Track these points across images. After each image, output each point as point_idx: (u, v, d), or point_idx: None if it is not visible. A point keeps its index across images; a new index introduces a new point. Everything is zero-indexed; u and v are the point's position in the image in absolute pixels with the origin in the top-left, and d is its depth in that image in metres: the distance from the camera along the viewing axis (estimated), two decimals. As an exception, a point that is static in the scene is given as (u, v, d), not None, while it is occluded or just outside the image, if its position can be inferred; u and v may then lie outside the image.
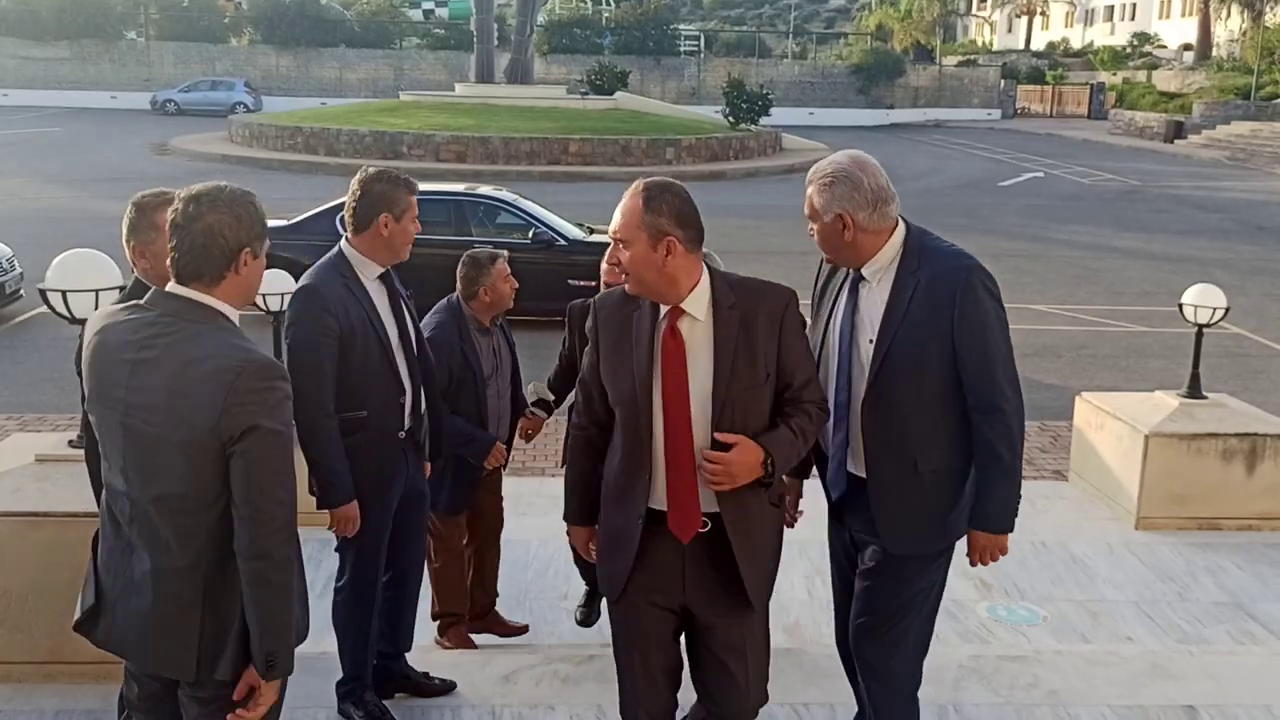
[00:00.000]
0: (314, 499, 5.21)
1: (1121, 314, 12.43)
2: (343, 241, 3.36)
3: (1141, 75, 48.55)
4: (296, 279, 7.33)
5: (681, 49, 48.70)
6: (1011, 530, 2.91)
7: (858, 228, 2.86)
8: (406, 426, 3.45)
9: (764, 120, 32.83)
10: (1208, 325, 6.12)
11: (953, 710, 3.58)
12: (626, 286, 2.71)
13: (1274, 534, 5.90)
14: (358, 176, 3.37)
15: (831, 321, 2.98)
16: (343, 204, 12.25)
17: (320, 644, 4.58)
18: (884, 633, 3.04)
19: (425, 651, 4.07)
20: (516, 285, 4.19)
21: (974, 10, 72.82)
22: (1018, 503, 2.91)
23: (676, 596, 2.76)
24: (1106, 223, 19.71)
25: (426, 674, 3.78)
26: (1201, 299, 6.11)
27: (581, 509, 2.95)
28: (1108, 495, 6.27)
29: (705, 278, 2.67)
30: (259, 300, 6.13)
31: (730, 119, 32.11)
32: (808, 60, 52.58)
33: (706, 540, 2.70)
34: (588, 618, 4.43)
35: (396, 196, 3.29)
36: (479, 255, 4.10)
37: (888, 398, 2.86)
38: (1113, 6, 65.24)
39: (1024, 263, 15.99)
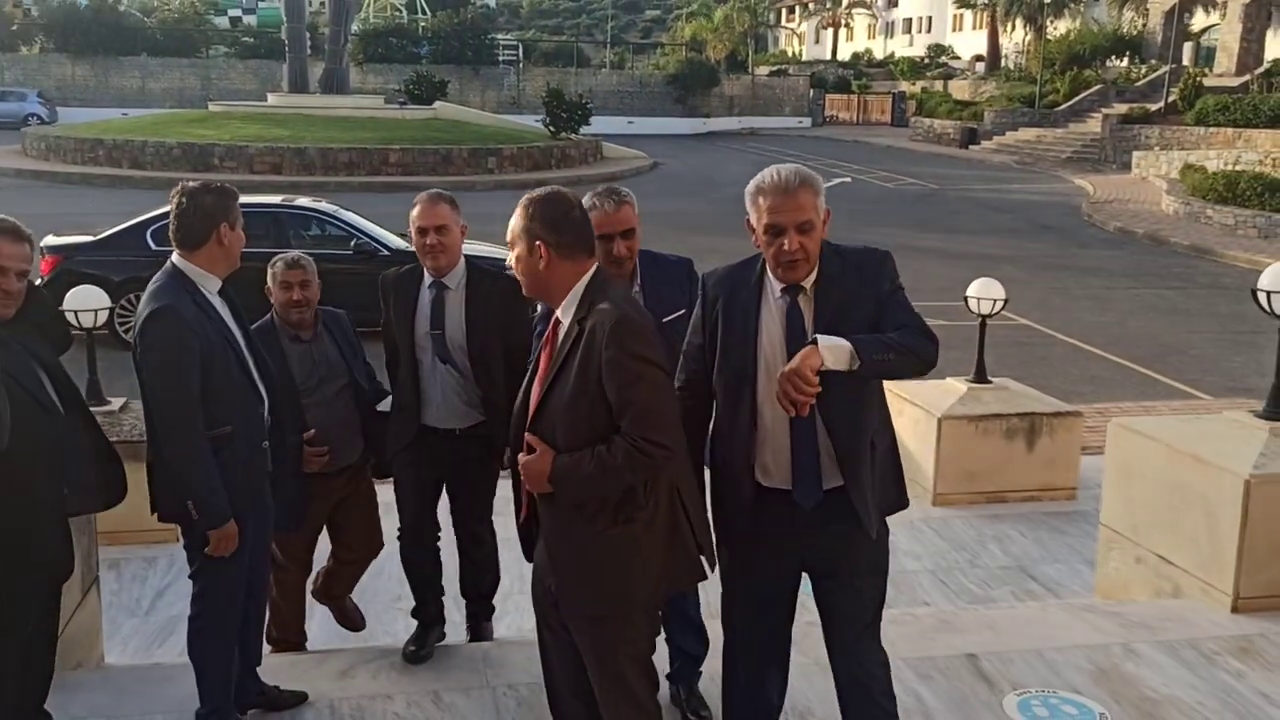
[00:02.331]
0: (135, 516, 5.18)
1: (922, 309, 13.17)
2: (175, 259, 3.30)
3: (939, 85, 51.26)
4: (112, 294, 7.12)
5: (500, 58, 48.67)
6: (852, 366, 2.75)
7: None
8: (267, 437, 3.45)
9: (584, 129, 33.26)
10: (990, 316, 6.72)
11: (766, 673, 3.88)
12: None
13: (1052, 503, 6.52)
14: (179, 191, 3.31)
15: (762, 338, 2.94)
16: (153, 218, 11.77)
17: (152, 655, 4.59)
18: (876, 623, 3.04)
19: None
20: (301, 297, 4.02)
21: (783, 22, 75.39)
22: (881, 361, 2.78)
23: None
24: (909, 224, 20.86)
25: (277, 687, 3.71)
26: (983, 292, 6.73)
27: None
28: (909, 476, 6.74)
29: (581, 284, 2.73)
30: (71, 318, 5.97)
31: (551, 128, 32.39)
32: (626, 70, 53.38)
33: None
34: (419, 651, 4.05)
35: (228, 205, 3.30)
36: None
37: (844, 395, 2.84)
38: (911, 20, 68.66)
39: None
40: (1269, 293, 4.79)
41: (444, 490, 4.11)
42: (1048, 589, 5.41)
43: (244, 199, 3.76)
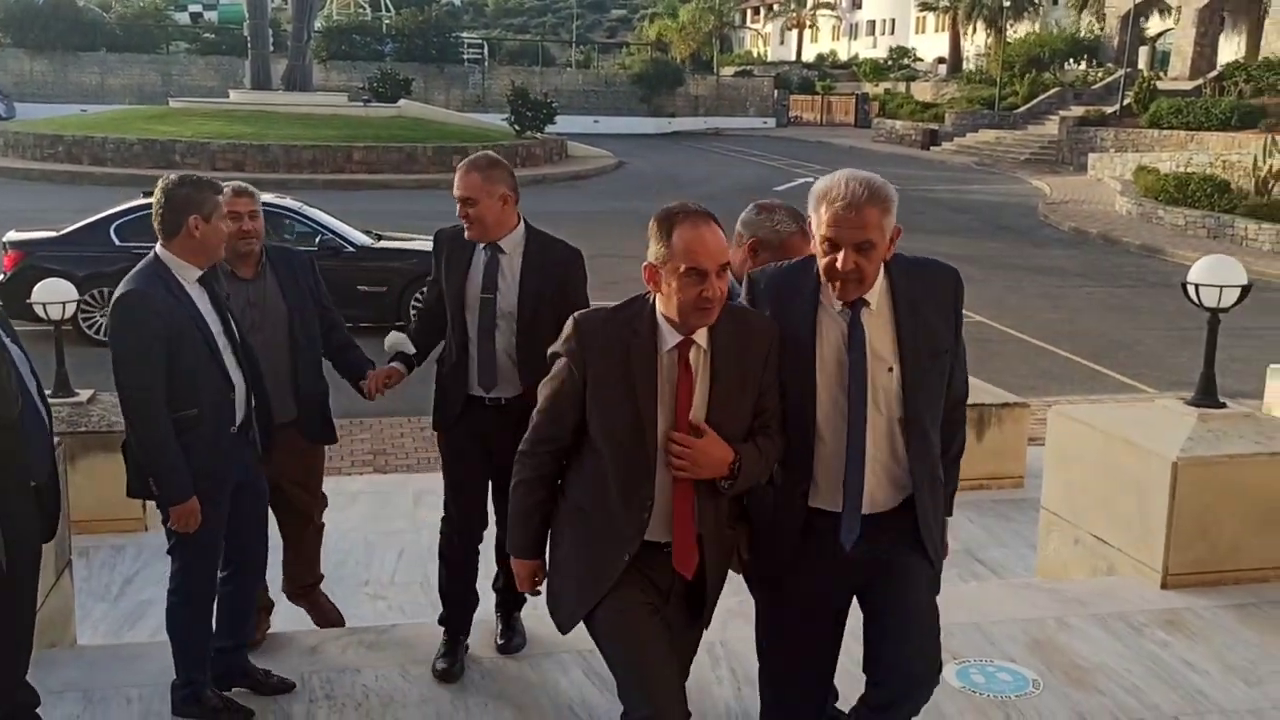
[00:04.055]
0: (104, 506, 5.28)
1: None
2: (157, 247, 3.45)
3: (901, 86, 51.75)
4: (80, 289, 7.21)
5: (465, 57, 48.56)
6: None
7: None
8: (238, 422, 3.55)
9: (549, 128, 33.36)
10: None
11: (719, 645, 4.07)
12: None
13: (1000, 491, 6.75)
14: (160, 184, 3.47)
15: (822, 353, 2.77)
16: (117, 214, 11.88)
17: (122, 639, 4.71)
18: (936, 633, 2.91)
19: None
20: (250, 228, 3.89)
21: (748, 23, 75.75)
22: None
23: (660, 606, 2.79)
24: (869, 224, 21.12)
25: (267, 671, 3.77)
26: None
27: (539, 540, 2.90)
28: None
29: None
30: (39, 310, 6.07)
31: (516, 127, 32.48)
32: (591, 69, 53.45)
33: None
34: (450, 669, 3.90)
35: (202, 198, 3.41)
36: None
37: (919, 423, 2.79)
38: (874, 22, 69.21)
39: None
40: (1198, 285, 5.04)
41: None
42: (993, 571, 5.64)
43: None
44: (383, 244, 11.44)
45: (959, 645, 4.20)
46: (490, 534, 4.02)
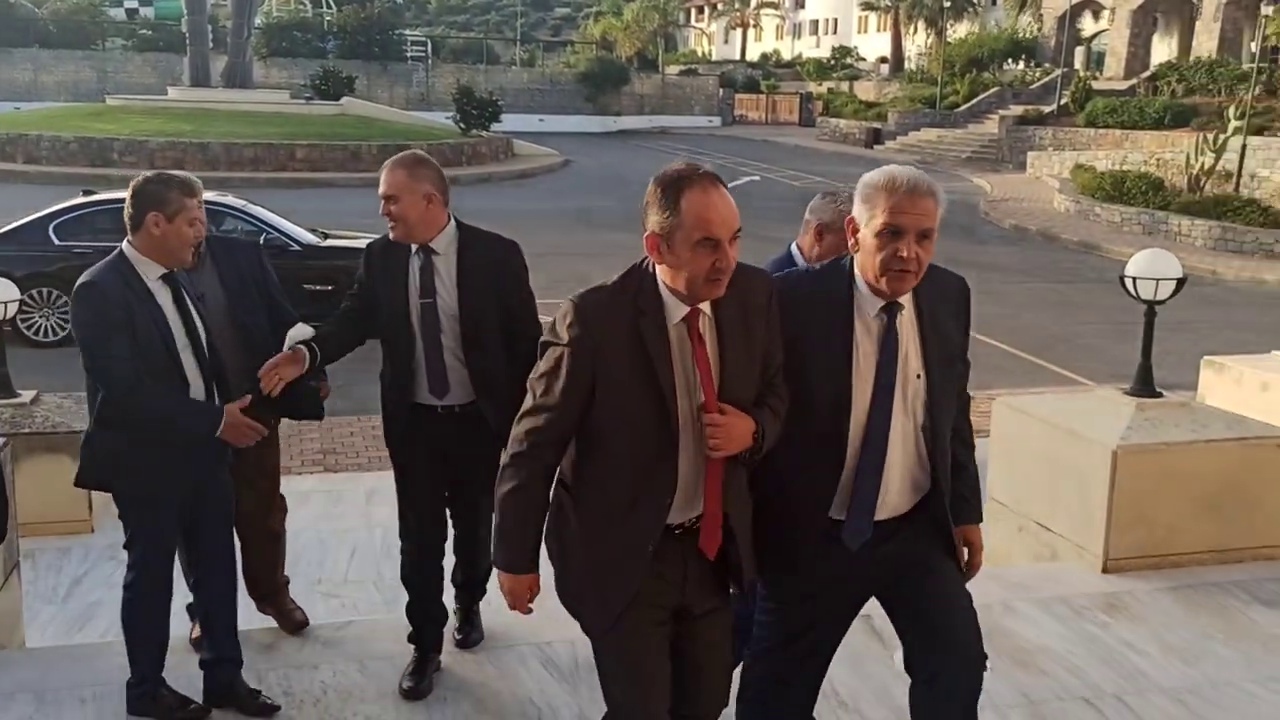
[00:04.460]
0: (49, 508, 5.21)
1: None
2: (124, 243, 3.43)
3: (845, 86, 52.22)
4: (20, 288, 7.09)
5: (408, 54, 48.21)
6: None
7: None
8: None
9: (495, 126, 33.24)
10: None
11: (675, 636, 4.13)
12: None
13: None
14: (134, 180, 3.47)
15: (857, 360, 2.69)
16: (56, 212, 11.66)
17: (71, 640, 4.65)
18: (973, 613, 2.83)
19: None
20: (202, 234, 3.63)
21: (692, 22, 76.04)
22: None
23: (675, 597, 2.64)
24: (815, 221, 21.32)
25: (257, 693, 3.66)
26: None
27: (536, 551, 2.66)
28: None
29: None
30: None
31: (461, 125, 32.32)
32: (536, 67, 53.31)
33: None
34: (417, 686, 3.80)
35: (167, 196, 3.37)
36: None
37: (942, 430, 2.79)
38: (818, 21, 69.84)
39: (745, 258, 17.16)
40: (1135, 279, 5.19)
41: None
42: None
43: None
44: (329, 243, 11.35)
45: (908, 631, 4.29)
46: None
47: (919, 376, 2.73)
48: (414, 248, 3.68)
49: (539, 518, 2.65)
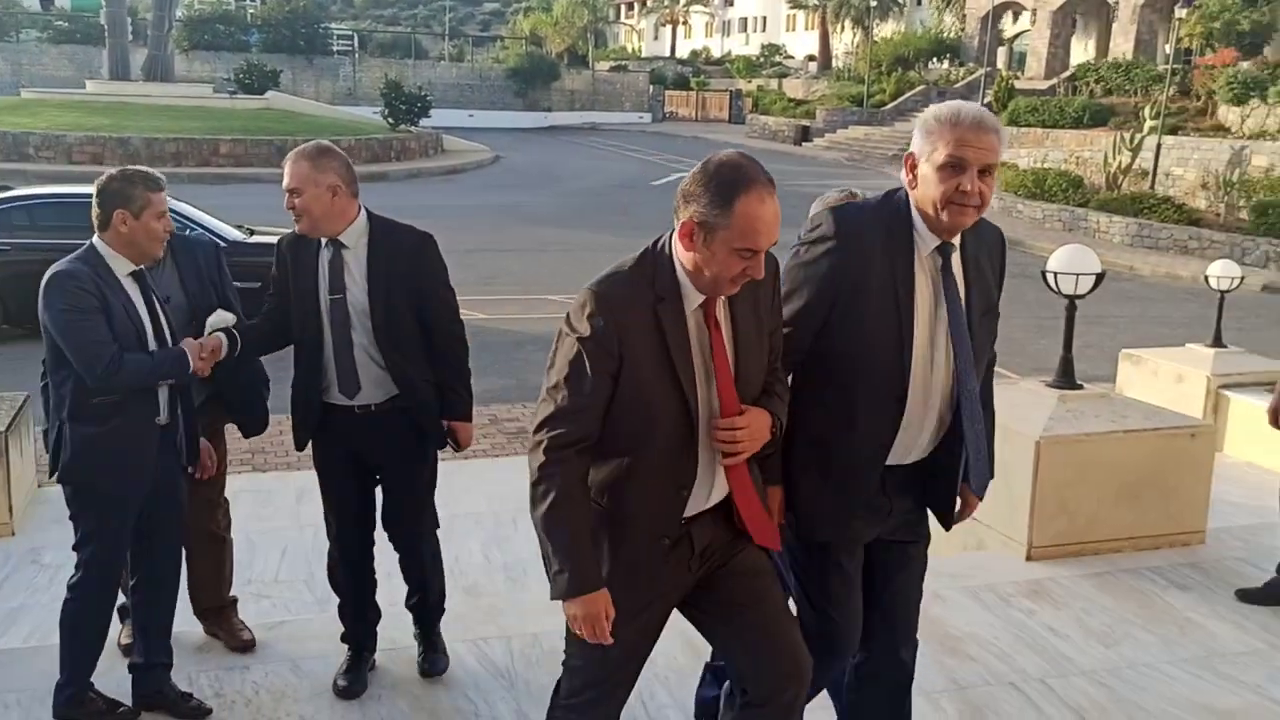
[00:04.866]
0: None
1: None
2: (94, 238, 3.40)
3: (774, 83, 52.63)
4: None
5: (335, 48, 47.56)
6: None
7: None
8: (164, 417, 3.44)
9: (424, 122, 32.96)
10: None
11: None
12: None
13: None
14: (98, 179, 3.44)
15: (921, 309, 2.62)
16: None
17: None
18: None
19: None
20: (171, 228, 3.61)
21: (622, 18, 76.05)
22: None
23: (686, 584, 2.57)
24: (745, 218, 21.49)
25: (188, 695, 3.60)
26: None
27: (598, 566, 2.45)
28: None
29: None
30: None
31: (390, 120, 31.99)
32: (465, 63, 52.90)
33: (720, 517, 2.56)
34: (351, 686, 3.74)
35: (131, 193, 3.33)
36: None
37: (977, 381, 2.72)
38: (747, 19, 70.24)
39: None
40: (1056, 273, 5.32)
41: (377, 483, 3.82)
42: (869, 550, 5.85)
43: (68, 189, 3.46)
44: (255, 239, 11.16)
45: (840, 620, 4.37)
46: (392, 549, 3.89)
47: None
48: (323, 241, 3.56)
49: (589, 526, 2.44)
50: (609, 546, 2.49)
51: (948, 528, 2.94)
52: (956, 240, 2.64)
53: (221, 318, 3.72)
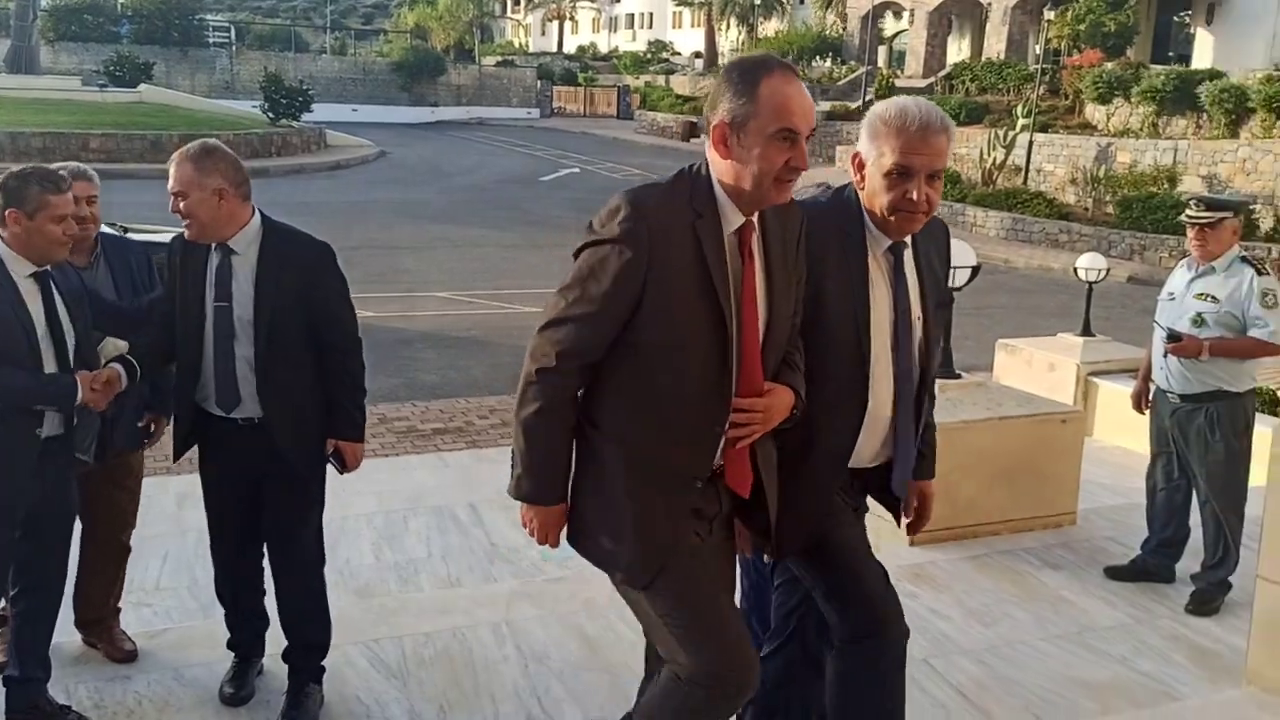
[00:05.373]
0: None
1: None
2: None
3: (661, 79, 52.94)
4: None
5: (211, 40, 46.20)
6: None
7: None
8: (47, 429, 3.28)
9: (306, 116, 32.27)
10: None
11: (505, 625, 4.15)
12: None
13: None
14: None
15: (878, 309, 2.58)
16: None
17: None
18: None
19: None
20: (86, 215, 3.54)
21: (508, 13, 75.59)
22: None
23: (720, 521, 2.46)
24: (634, 213, 21.62)
25: (66, 708, 3.45)
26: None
27: (565, 482, 2.40)
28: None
29: None
30: None
31: (270, 115, 31.22)
32: (348, 56, 51.96)
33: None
34: (238, 693, 3.65)
35: (25, 193, 3.18)
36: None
37: (929, 377, 2.74)
38: (633, 15, 70.45)
39: (564, 250, 17.10)
40: (954, 268, 5.48)
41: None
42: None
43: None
44: (129, 236, 10.81)
45: (732, 609, 4.45)
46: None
47: (918, 319, 2.65)
48: (213, 246, 3.38)
49: (569, 442, 2.36)
50: (630, 488, 2.32)
51: (903, 527, 3.02)
52: (908, 239, 2.63)
53: (115, 345, 3.58)
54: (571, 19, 70.17)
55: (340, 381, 3.51)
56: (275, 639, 3.69)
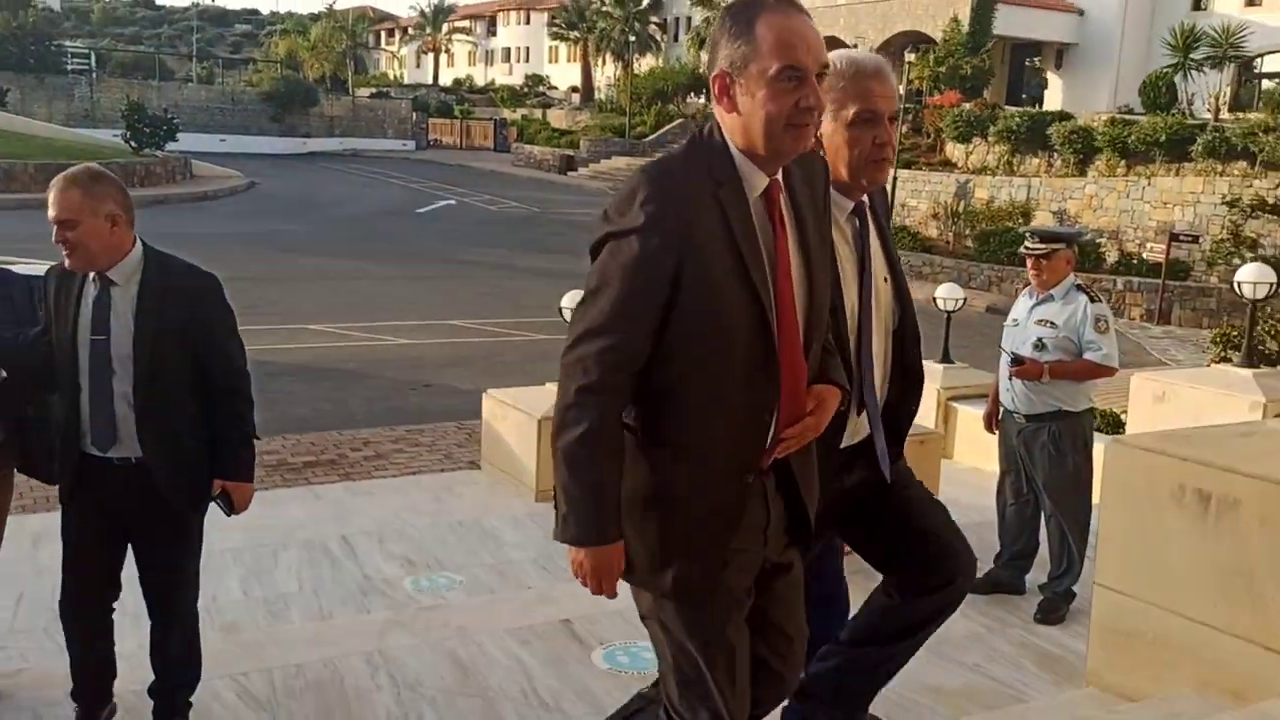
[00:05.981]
0: None
1: (526, 325, 14.00)
2: None
3: (538, 113, 53.24)
4: None
5: (69, 67, 44.64)
6: None
7: None
8: None
9: (171, 145, 31.45)
10: (579, 324, 7.40)
11: (378, 654, 4.14)
12: None
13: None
14: None
15: (848, 278, 2.44)
16: None
17: None
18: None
19: None
20: None
21: (383, 45, 74.99)
22: None
23: (759, 551, 2.18)
24: (513, 245, 21.72)
25: None
26: (571, 301, 7.40)
27: (618, 514, 2.09)
28: (513, 476, 7.24)
29: None
30: None
31: (133, 144, 30.32)
32: (216, 85, 50.81)
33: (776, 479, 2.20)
34: None
35: None
36: None
37: (912, 336, 2.66)
38: (510, 49, 70.68)
39: (440, 283, 17.18)
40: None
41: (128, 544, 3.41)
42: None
43: None
44: (10, 269, 10.39)
45: (605, 631, 4.51)
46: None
47: (885, 280, 2.53)
48: (90, 276, 3.21)
49: (618, 469, 2.07)
50: (673, 496, 2.09)
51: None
52: (866, 200, 2.51)
53: None
54: (447, 51, 70.02)
55: (227, 420, 3.36)
56: (139, 671, 3.61)
